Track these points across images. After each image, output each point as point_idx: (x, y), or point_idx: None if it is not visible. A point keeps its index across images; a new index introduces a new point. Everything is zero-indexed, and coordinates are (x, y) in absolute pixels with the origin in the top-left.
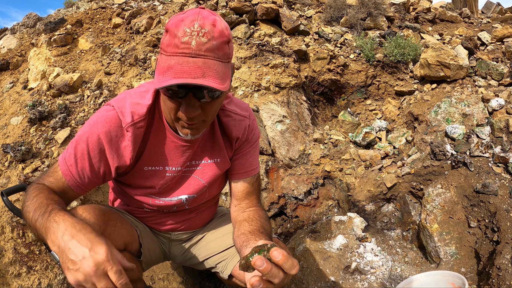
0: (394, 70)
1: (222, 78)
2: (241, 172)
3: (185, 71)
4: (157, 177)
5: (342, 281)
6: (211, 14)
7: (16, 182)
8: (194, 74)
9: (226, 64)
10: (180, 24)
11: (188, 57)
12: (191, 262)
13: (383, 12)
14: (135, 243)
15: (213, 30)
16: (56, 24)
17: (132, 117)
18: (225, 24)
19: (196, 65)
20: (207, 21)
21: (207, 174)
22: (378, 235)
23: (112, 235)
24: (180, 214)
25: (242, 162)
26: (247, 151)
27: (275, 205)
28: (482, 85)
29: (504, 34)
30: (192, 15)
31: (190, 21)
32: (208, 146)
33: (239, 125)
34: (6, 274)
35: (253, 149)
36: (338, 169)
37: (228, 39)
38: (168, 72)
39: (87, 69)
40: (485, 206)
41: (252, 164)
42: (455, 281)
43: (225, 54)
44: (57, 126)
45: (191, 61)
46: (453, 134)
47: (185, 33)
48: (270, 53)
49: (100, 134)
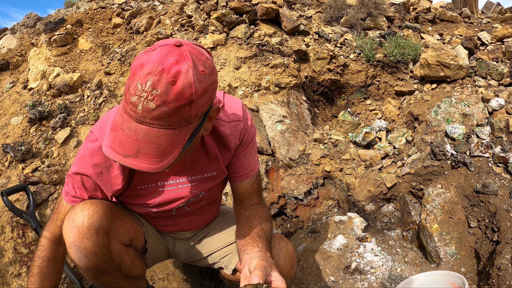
0: (394, 70)
1: (162, 154)
2: (239, 175)
3: (121, 142)
4: (152, 194)
5: (342, 281)
6: (178, 63)
7: (16, 182)
8: (127, 150)
9: (180, 130)
10: (138, 73)
11: (132, 121)
12: (194, 258)
13: (383, 12)
14: (141, 239)
15: (168, 92)
16: (56, 24)
17: None
18: (194, 77)
19: (135, 136)
20: (164, 77)
21: (204, 186)
22: (378, 235)
23: (118, 229)
24: (181, 217)
25: (239, 165)
26: (243, 154)
27: (275, 205)
28: (482, 85)
29: (504, 34)
30: (154, 63)
31: (145, 74)
32: (203, 159)
33: (235, 132)
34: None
35: (249, 151)
36: (338, 169)
37: (189, 100)
38: (111, 134)
39: (87, 69)
40: (485, 206)
41: (250, 165)
42: (455, 281)
43: (181, 119)
44: (57, 126)
45: (132, 128)
46: (453, 134)
47: (135, 90)
48: (270, 53)
49: (89, 169)
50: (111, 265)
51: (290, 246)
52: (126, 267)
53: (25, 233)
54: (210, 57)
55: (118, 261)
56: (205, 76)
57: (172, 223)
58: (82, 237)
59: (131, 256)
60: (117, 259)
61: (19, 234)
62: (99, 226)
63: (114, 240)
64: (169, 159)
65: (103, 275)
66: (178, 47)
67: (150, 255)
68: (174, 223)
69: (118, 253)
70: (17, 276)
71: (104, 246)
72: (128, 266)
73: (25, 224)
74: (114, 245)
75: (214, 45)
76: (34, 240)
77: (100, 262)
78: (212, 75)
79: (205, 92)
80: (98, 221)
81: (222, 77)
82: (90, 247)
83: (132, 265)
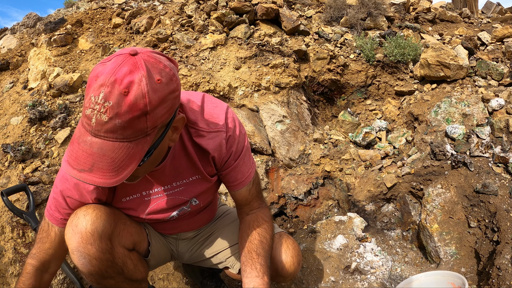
0: (394, 70)
1: (118, 168)
2: (234, 184)
3: (76, 157)
4: (139, 205)
5: (342, 281)
6: (131, 73)
7: (16, 182)
8: (82, 165)
9: (137, 143)
10: (92, 85)
11: (88, 135)
12: (199, 258)
13: (383, 12)
14: (144, 242)
15: (120, 104)
16: (56, 24)
17: None
18: (148, 87)
19: (90, 149)
20: (117, 88)
21: (191, 192)
22: (378, 235)
23: (121, 233)
24: (179, 220)
25: (233, 175)
26: (235, 165)
27: (275, 205)
28: (482, 85)
29: (504, 34)
30: (107, 74)
31: (99, 86)
32: (183, 165)
33: (213, 143)
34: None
35: (241, 160)
36: (338, 169)
37: (143, 111)
38: (69, 148)
39: (87, 69)
40: (485, 206)
41: (244, 173)
42: (455, 281)
43: (137, 131)
44: (57, 126)
45: (88, 142)
46: (453, 134)
47: (89, 103)
48: (270, 53)
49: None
50: (114, 269)
51: (296, 244)
52: (129, 271)
53: (25, 233)
54: (170, 65)
55: (121, 266)
56: (161, 85)
57: (171, 226)
58: (85, 243)
59: (134, 260)
60: (120, 264)
61: (19, 234)
62: (102, 231)
63: (118, 244)
64: (125, 173)
65: (106, 280)
66: (133, 56)
67: (153, 257)
68: (173, 226)
69: (121, 258)
70: (17, 276)
71: (107, 252)
72: (131, 270)
73: (25, 224)
74: (118, 250)
75: (214, 45)
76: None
77: (104, 267)
78: (170, 84)
79: (162, 102)
80: (102, 226)
81: (222, 77)
82: (94, 253)
83: (135, 269)
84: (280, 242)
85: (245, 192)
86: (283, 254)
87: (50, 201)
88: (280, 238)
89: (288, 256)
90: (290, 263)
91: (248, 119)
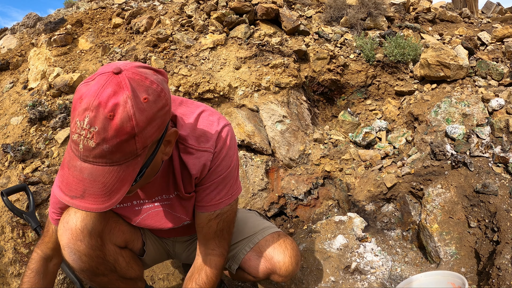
0: (394, 70)
1: (109, 193)
2: (198, 205)
3: (68, 183)
4: (130, 213)
5: (342, 281)
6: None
7: (16, 182)
8: (74, 191)
9: (127, 165)
10: (77, 108)
11: (77, 160)
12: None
13: (383, 12)
14: (137, 241)
15: (106, 128)
16: (56, 24)
17: None
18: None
19: (81, 175)
20: (101, 112)
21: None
22: (378, 235)
23: (113, 231)
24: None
25: (201, 195)
26: (207, 186)
27: (275, 205)
28: (482, 85)
29: (504, 34)
30: (91, 96)
31: (83, 110)
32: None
33: (198, 162)
34: (6, 274)
35: (213, 185)
36: (338, 169)
37: (131, 135)
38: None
39: (87, 69)
40: (485, 206)
41: (211, 200)
42: (455, 281)
43: (126, 154)
44: (57, 126)
45: (78, 167)
46: (453, 134)
47: (75, 127)
48: (270, 53)
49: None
50: (106, 267)
51: (294, 244)
52: (121, 269)
53: (25, 233)
54: (157, 79)
55: (113, 263)
56: (148, 104)
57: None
58: (75, 239)
59: (127, 258)
60: (112, 261)
61: (19, 234)
62: (92, 228)
63: (108, 242)
64: (118, 197)
65: (98, 277)
66: (116, 74)
67: (148, 256)
68: (169, 232)
69: (113, 255)
70: (17, 276)
71: (97, 248)
72: (124, 268)
73: (25, 224)
74: (109, 247)
75: (214, 45)
76: (34, 240)
77: (94, 264)
78: (158, 101)
79: (151, 121)
80: (92, 224)
81: (222, 77)
82: (83, 249)
83: (128, 267)
84: (278, 242)
85: (204, 219)
86: (281, 254)
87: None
88: (278, 238)
89: (287, 256)
90: (289, 263)
91: (248, 119)
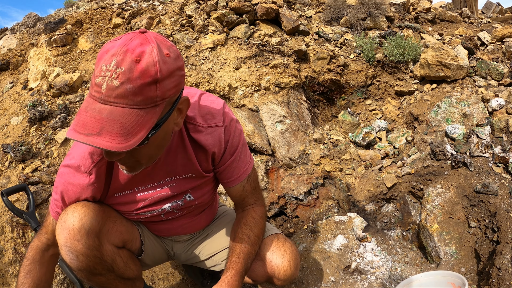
0: (394, 70)
1: (127, 134)
2: (230, 181)
3: (84, 123)
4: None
5: (342, 281)
6: (142, 44)
7: (16, 182)
8: (90, 129)
9: (147, 111)
10: (103, 57)
11: (97, 103)
12: (194, 260)
13: (383, 12)
14: (136, 241)
15: (132, 70)
16: (56, 24)
17: (91, 159)
18: (158, 57)
19: (99, 115)
20: (129, 56)
21: (185, 187)
22: (378, 235)
23: (110, 231)
24: (173, 221)
25: (230, 171)
26: (232, 160)
27: (275, 205)
28: (482, 85)
29: (504, 34)
30: (118, 46)
31: (111, 55)
32: (179, 161)
33: (212, 138)
34: (6, 274)
35: (237, 156)
36: (338, 169)
37: (154, 79)
38: (75, 119)
39: (87, 69)
40: (485, 206)
41: (240, 170)
42: (455, 281)
43: (147, 99)
44: (57, 126)
45: (96, 109)
46: (453, 134)
47: (100, 71)
48: (270, 53)
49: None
50: (103, 266)
51: (294, 248)
52: (119, 268)
53: (25, 233)
54: (175, 47)
55: (111, 263)
56: (170, 59)
57: (165, 228)
58: (72, 239)
59: (124, 258)
60: (109, 261)
61: (19, 234)
62: (89, 228)
63: (106, 242)
64: (135, 140)
65: (96, 276)
66: (142, 33)
67: (147, 256)
68: (167, 228)
69: (110, 255)
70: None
71: (95, 248)
72: (121, 268)
73: (25, 224)
74: (106, 247)
75: (214, 45)
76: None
77: (92, 263)
78: (178, 61)
79: (171, 75)
80: (89, 223)
81: (222, 77)
82: (80, 249)
83: (126, 267)
84: (277, 246)
85: (239, 188)
86: (280, 258)
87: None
88: (277, 241)
89: (285, 260)
90: (287, 267)
91: (248, 119)
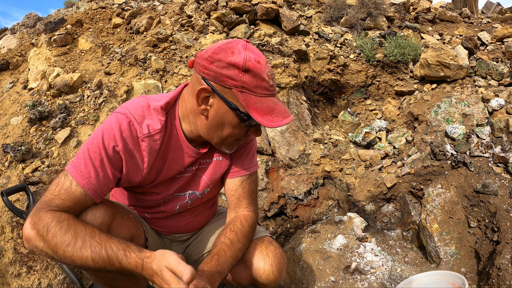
0: (394, 70)
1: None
2: (232, 171)
3: (281, 112)
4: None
5: (342, 281)
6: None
7: (16, 182)
8: (285, 113)
9: None
10: (260, 67)
11: (272, 97)
12: (190, 259)
13: (383, 12)
14: (141, 237)
15: (272, 71)
16: (56, 24)
17: (148, 129)
18: None
19: (280, 104)
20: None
21: (210, 171)
22: (378, 235)
23: (119, 226)
24: (180, 217)
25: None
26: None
27: (275, 205)
28: (482, 85)
29: (504, 34)
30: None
31: (265, 63)
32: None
33: None
34: (6, 274)
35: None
36: (338, 169)
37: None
38: (275, 113)
39: (87, 69)
40: (485, 206)
41: (244, 165)
42: (455, 281)
43: None
44: (57, 126)
45: (275, 101)
46: (453, 134)
47: (268, 76)
48: (270, 53)
49: (116, 142)
50: None
51: (278, 251)
52: None
53: None
54: None
55: None
56: None
57: (168, 224)
58: None
59: None
60: None
61: (19, 234)
62: (101, 222)
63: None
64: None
65: (104, 272)
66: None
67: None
68: (171, 225)
69: None
70: (17, 276)
71: None
72: None
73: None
74: None
75: None
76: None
77: None
78: None
79: None
80: (101, 218)
81: None
82: None
83: None
84: (260, 249)
85: (238, 183)
86: (262, 262)
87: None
88: (261, 245)
89: (267, 264)
90: (269, 271)
91: None
